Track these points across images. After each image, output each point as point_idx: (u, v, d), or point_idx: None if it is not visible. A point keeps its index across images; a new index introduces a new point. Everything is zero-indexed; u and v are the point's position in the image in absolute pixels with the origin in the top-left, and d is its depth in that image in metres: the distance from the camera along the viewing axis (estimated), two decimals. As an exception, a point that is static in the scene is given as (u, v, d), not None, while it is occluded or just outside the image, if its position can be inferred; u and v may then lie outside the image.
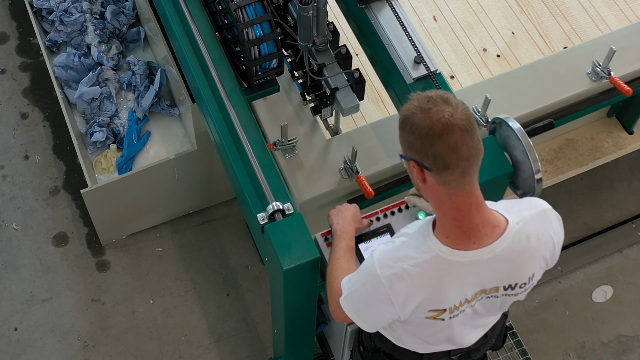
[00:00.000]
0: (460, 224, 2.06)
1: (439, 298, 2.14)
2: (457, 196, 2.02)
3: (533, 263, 2.19)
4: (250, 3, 2.78)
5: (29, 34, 4.80)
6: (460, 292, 2.16)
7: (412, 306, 2.15)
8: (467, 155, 1.95)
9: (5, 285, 4.02)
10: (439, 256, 2.09)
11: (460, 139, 1.92)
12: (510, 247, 2.11)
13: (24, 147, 4.43)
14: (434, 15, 3.94)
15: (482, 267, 2.11)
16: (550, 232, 2.21)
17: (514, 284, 2.20)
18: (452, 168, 1.95)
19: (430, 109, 1.93)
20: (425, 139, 1.94)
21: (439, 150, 1.93)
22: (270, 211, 2.58)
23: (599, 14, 3.92)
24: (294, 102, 3.32)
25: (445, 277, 2.11)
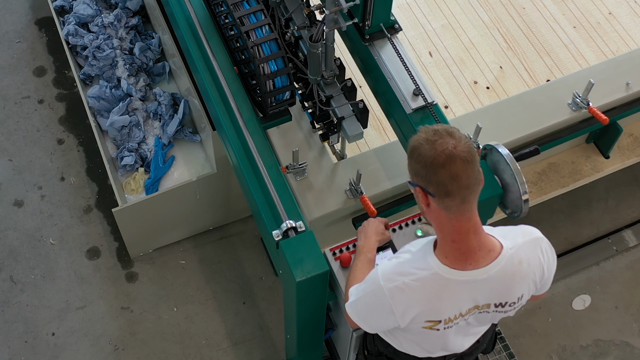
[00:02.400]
0: (458, 246, 2.07)
1: (435, 311, 2.15)
2: (457, 221, 2.03)
3: (523, 285, 2.19)
4: (266, 41, 2.80)
5: (65, 67, 4.81)
6: (455, 307, 2.16)
7: (410, 316, 2.16)
8: (467, 184, 1.96)
9: (43, 295, 4.02)
10: (437, 274, 2.10)
11: (461, 169, 1.94)
12: (503, 270, 2.12)
13: (60, 170, 4.43)
14: (430, 51, 3.94)
15: (477, 286, 2.12)
16: (541, 259, 2.20)
17: (504, 303, 2.21)
18: (453, 195, 1.97)
19: (435, 141, 1.95)
20: (430, 167, 1.96)
21: (442, 178, 1.95)
22: (284, 229, 2.60)
23: (578, 50, 3.92)
24: (305, 130, 3.32)
25: (442, 292, 2.12)
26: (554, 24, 4.02)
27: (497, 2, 4.11)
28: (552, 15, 4.05)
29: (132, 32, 4.29)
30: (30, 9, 5.08)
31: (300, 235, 2.58)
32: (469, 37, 3.99)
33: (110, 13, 4.31)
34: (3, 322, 3.93)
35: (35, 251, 4.15)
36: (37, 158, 4.46)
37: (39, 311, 3.97)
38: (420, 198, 2.05)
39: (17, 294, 4.02)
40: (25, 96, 4.70)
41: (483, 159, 2.70)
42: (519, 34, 3.99)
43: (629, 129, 3.78)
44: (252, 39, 2.80)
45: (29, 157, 4.46)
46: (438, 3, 4.12)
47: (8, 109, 4.64)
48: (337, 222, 3.21)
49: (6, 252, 4.14)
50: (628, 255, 4.16)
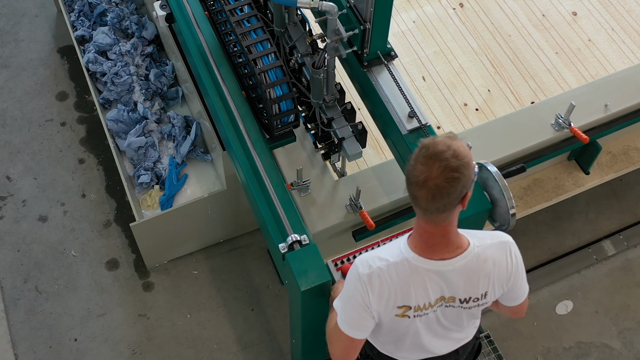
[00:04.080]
0: (426, 240, 2.11)
1: (405, 295, 2.16)
2: (427, 225, 2.08)
3: (487, 283, 2.20)
4: (272, 68, 2.81)
5: (85, 92, 4.81)
6: (424, 294, 2.17)
7: (384, 300, 2.16)
8: (426, 208, 2.01)
9: (66, 303, 4.01)
10: (407, 260, 2.13)
11: (424, 196, 1.98)
12: (468, 265, 2.14)
13: (81, 188, 4.43)
14: (423, 75, 3.94)
15: (443, 277, 2.14)
16: (507, 261, 2.21)
17: (468, 298, 2.21)
18: (418, 208, 2.04)
19: (418, 164, 1.97)
20: (407, 179, 2.01)
21: (411, 193, 2.01)
22: (289, 242, 2.60)
23: (560, 74, 3.92)
24: (308, 150, 3.32)
25: (410, 278, 2.14)
26: (538, 50, 4.03)
27: (485, 30, 4.12)
28: (535, 42, 4.06)
29: (148, 60, 4.31)
30: (53, 38, 5.10)
31: (305, 247, 2.59)
32: (459, 63, 3.99)
33: (127, 42, 4.33)
34: (29, 328, 3.92)
35: (58, 263, 4.15)
36: (60, 176, 4.46)
37: (62, 318, 3.96)
38: None
39: (42, 302, 4.01)
40: (49, 119, 4.71)
41: (473, 176, 2.71)
42: (506, 59, 4.00)
43: (608, 147, 3.79)
44: (259, 66, 2.81)
45: (53, 176, 4.46)
46: (430, 31, 4.13)
47: (33, 131, 4.65)
48: (338, 235, 3.21)
49: (32, 264, 4.13)
50: (607, 264, 4.15)
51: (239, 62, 3.07)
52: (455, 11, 4.21)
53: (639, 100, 3.49)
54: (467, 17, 4.17)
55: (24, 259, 4.16)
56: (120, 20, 4.43)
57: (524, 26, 4.13)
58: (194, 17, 3.23)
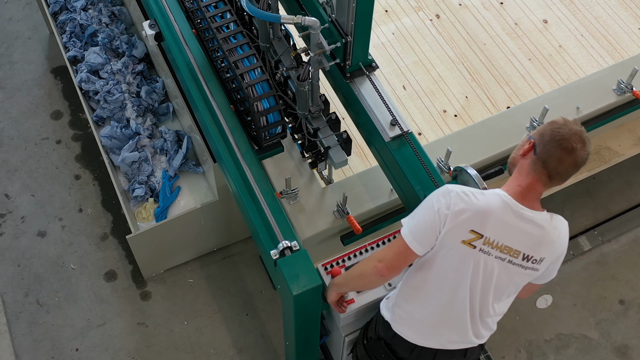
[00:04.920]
0: (522, 190, 2.24)
1: (482, 222, 2.22)
2: (533, 179, 2.23)
3: (548, 250, 2.30)
4: (258, 82, 2.81)
5: (79, 111, 4.80)
6: (498, 231, 2.23)
7: (462, 219, 2.21)
8: (562, 174, 2.21)
9: (67, 315, 3.99)
10: (498, 195, 2.25)
11: (569, 164, 2.17)
12: (544, 223, 2.26)
13: (78, 202, 4.41)
14: (403, 84, 3.95)
15: (521, 224, 2.23)
16: (564, 243, 2.35)
17: (530, 257, 2.28)
18: (546, 168, 2.20)
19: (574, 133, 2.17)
20: (556, 143, 2.17)
21: (553, 154, 2.18)
22: (280, 248, 2.60)
23: (534, 79, 3.95)
24: (295, 159, 3.33)
25: (495, 210, 2.22)
26: (512, 57, 4.06)
27: (461, 40, 4.14)
28: (509, 50, 4.09)
29: (139, 77, 4.28)
30: (46, 59, 5.08)
31: (295, 253, 2.58)
32: (437, 72, 4.01)
33: (118, 61, 4.30)
34: (32, 340, 3.90)
35: (58, 276, 4.13)
36: (57, 192, 4.45)
37: (63, 330, 3.94)
38: (525, 147, 2.26)
39: (43, 315, 3.99)
40: (45, 137, 4.69)
41: (454, 179, 2.72)
42: (481, 67, 4.02)
43: (581, 147, 3.82)
44: (246, 80, 2.81)
45: (50, 192, 4.45)
46: (409, 42, 4.15)
47: (29, 149, 4.63)
48: (327, 240, 3.22)
49: (32, 278, 4.11)
50: (583, 259, 4.18)
51: (227, 77, 3.07)
52: (432, 22, 4.23)
53: (608, 102, 3.52)
54: (443, 28, 4.20)
55: (25, 274, 4.13)
56: (110, 40, 4.41)
57: (497, 35, 4.16)
58: (182, 35, 3.23)
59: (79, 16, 4.52)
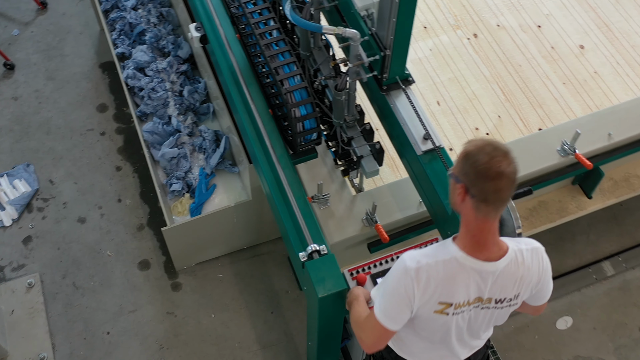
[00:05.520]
0: (477, 240, 2.09)
1: (449, 292, 2.14)
2: (482, 222, 2.05)
3: (521, 285, 2.20)
4: (297, 89, 2.82)
5: (124, 105, 4.85)
6: (466, 292, 2.15)
7: (428, 295, 2.13)
8: (504, 199, 2.00)
9: (101, 299, 4.03)
10: (456, 258, 2.12)
11: (505, 186, 1.96)
12: (508, 267, 2.14)
13: (117, 193, 4.46)
14: (438, 100, 3.92)
15: (485, 277, 2.13)
16: (539, 266, 2.22)
17: (502, 299, 2.20)
18: (489, 203, 2.00)
19: (493, 156, 1.95)
20: (480, 175, 1.96)
21: (487, 188, 1.97)
22: (309, 251, 2.61)
23: (567, 103, 3.89)
24: (328, 166, 3.33)
25: (457, 275, 2.12)
26: (546, 80, 4.01)
27: (497, 60, 4.10)
28: (544, 73, 4.03)
29: (182, 77, 4.33)
30: (96, 54, 5.15)
31: (323, 257, 2.59)
32: (472, 90, 3.97)
33: (163, 60, 4.36)
34: (66, 321, 3.95)
35: (94, 261, 4.17)
36: (98, 182, 4.50)
37: (96, 313, 3.98)
38: (458, 192, 2.05)
39: (79, 297, 4.04)
40: (90, 128, 4.75)
41: (483, 196, 2.70)
42: (516, 88, 3.97)
43: (610, 173, 3.76)
44: (285, 86, 2.82)
45: (92, 181, 4.50)
46: (446, 59, 4.12)
47: (75, 139, 4.69)
48: (354, 247, 3.22)
49: (70, 262, 4.16)
50: (606, 284, 4.11)
51: (267, 82, 3.08)
52: (470, 41, 4.21)
53: (640, 131, 3.48)
54: (480, 47, 4.17)
55: (63, 257, 4.18)
56: (157, 39, 4.46)
57: (534, 57, 4.11)
58: (226, 39, 3.25)
59: (128, 15, 4.59)
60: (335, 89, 2.81)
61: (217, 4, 3.38)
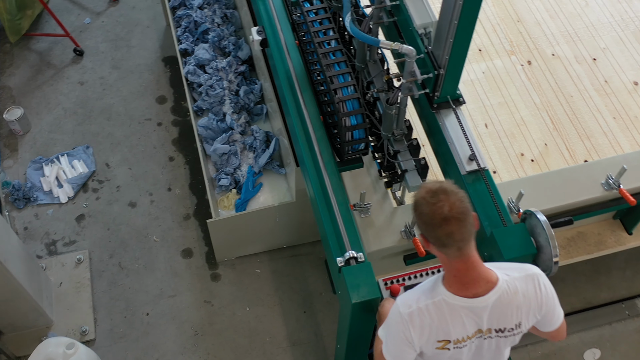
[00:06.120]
0: (459, 279, 2.06)
1: (444, 332, 2.13)
2: (456, 262, 2.02)
3: (520, 314, 2.14)
4: (350, 99, 2.81)
5: (182, 99, 4.89)
6: (462, 329, 2.13)
7: (425, 336, 2.13)
8: (460, 238, 1.94)
9: (143, 281, 4.08)
10: (444, 300, 2.09)
11: (455, 228, 1.92)
12: (500, 299, 2.09)
13: (168, 182, 4.50)
14: (486, 123, 3.89)
15: (478, 312, 2.10)
16: (537, 292, 2.15)
17: (503, 328, 2.16)
18: (449, 247, 1.97)
19: (433, 203, 1.92)
20: (428, 225, 1.95)
21: (438, 235, 1.95)
22: (347, 257, 2.60)
23: (616, 138, 3.81)
24: (372, 176, 3.31)
25: (448, 316, 2.10)
26: (597, 113, 3.93)
27: (549, 88, 4.05)
28: (595, 106, 3.96)
29: (240, 77, 4.35)
30: (160, 48, 5.22)
31: (360, 264, 2.58)
32: (521, 115, 3.93)
33: (223, 59, 4.38)
34: (109, 298, 4.01)
35: (141, 245, 4.22)
36: (151, 170, 4.55)
37: (138, 294, 4.03)
38: (424, 242, 2.04)
39: (123, 277, 4.09)
40: (148, 118, 4.81)
41: (523, 221, 2.66)
42: (565, 118, 3.91)
43: (653, 211, 3.67)
44: (338, 95, 2.82)
45: (145, 168, 4.55)
46: (497, 83, 4.08)
47: (133, 127, 4.76)
48: (391, 257, 3.19)
49: (118, 243, 4.23)
50: (638, 321, 3.98)
51: (321, 89, 3.09)
52: (523, 67, 4.16)
53: (688, 171, 3.37)
54: (533, 74, 4.12)
55: (112, 237, 4.25)
56: (220, 39, 4.49)
57: (586, 89, 4.04)
58: (286, 45, 3.26)
59: (194, 13, 4.64)
60: (387, 103, 2.81)
61: (280, 10, 3.40)
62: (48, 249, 4.20)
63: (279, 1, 3.42)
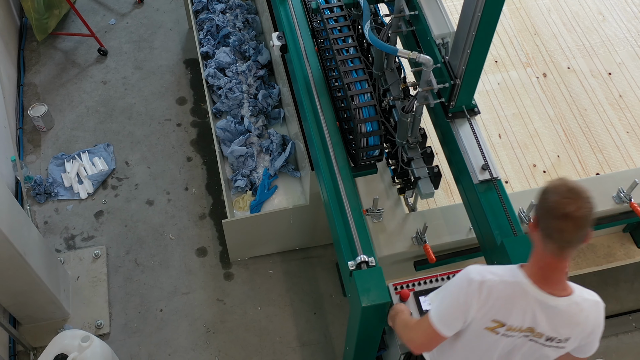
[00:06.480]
0: (544, 272, 2.07)
1: (505, 313, 2.12)
2: (550, 257, 2.03)
3: (574, 330, 2.15)
4: (366, 106, 2.81)
5: (201, 101, 4.91)
6: (521, 317, 2.12)
7: (485, 310, 2.12)
8: (568, 239, 1.95)
9: (158, 278, 4.10)
10: (520, 283, 2.09)
11: (570, 227, 1.92)
12: (568, 308, 2.10)
13: (185, 181, 4.52)
14: (500, 133, 3.87)
15: (543, 310, 2.09)
16: (596, 318, 2.17)
17: (553, 337, 2.16)
18: (553, 241, 1.98)
19: (563, 197, 1.92)
20: (547, 213, 1.96)
21: (550, 226, 1.95)
22: (358, 261, 2.59)
23: (628, 152, 3.78)
24: (386, 182, 3.32)
25: (517, 299, 2.09)
26: (610, 127, 3.90)
27: (563, 101, 4.02)
28: (609, 119, 3.93)
29: (259, 81, 4.36)
30: (182, 50, 5.24)
31: (371, 269, 2.57)
32: (534, 127, 3.90)
33: (243, 63, 4.40)
34: (124, 293, 4.03)
35: (157, 242, 4.24)
36: (169, 169, 4.57)
37: (153, 290, 4.05)
38: (531, 223, 2.05)
39: (138, 273, 4.11)
40: (167, 118, 4.83)
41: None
42: (578, 130, 3.88)
43: (663, 226, 3.64)
44: (355, 102, 2.81)
45: (163, 167, 4.58)
46: (512, 94, 4.07)
47: (153, 126, 4.79)
48: (401, 262, 3.20)
49: (135, 239, 4.25)
50: (646, 333, 3.97)
51: (338, 95, 3.09)
52: (538, 80, 4.14)
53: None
54: (548, 87, 4.10)
55: (129, 234, 4.28)
56: (240, 43, 4.51)
57: (600, 103, 4.01)
58: (305, 51, 3.26)
59: (217, 17, 4.67)
60: (402, 110, 2.80)
61: (300, 16, 3.41)
62: (67, 243, 4.23)
63: (299, 8, 3.43)
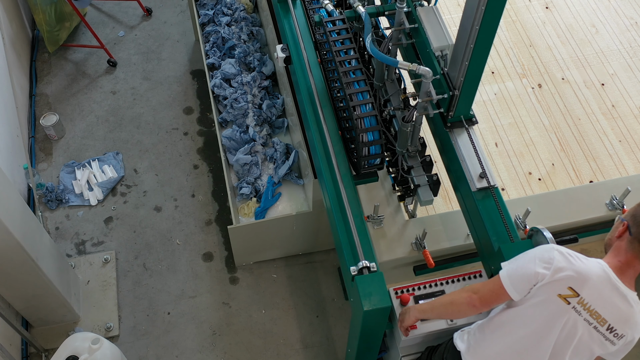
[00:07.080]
0: (622, 265, 2.18)
1: (581, 284, 2.15)
2: (631, 256, 2.16)
3: (627, 329, 2.19)
4: (367, 116, 2.80)
5: (207, 110, 4.90)
6: (594, 296, 2.15)
7: (564, 274, 2.15)
8: None
9: (166, 282, 4.09)
10: (599, 264, 2.18)
11: None
12: (632, 305, 2.17)
13: (192, 189, 4.51)
14: (496, 142, 3.89)
15: (615, 297, 2.15)
16: None
17: (613, 329, 2.18)
18: None
19: None
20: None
21: None
22: (360, 266, 2.59)
23: (621, 160, 3.81)
24: (386, 190, 3.33)
25: (594, 276, 2.15)
26: (603, 136, 3.93)
27: (558, 111, 4.05)
28: (602, 129, 3.96)
29: (263, 92, 4.35)
30: (189, 61, 5.24)
31: (372, 274, 2.58)
32: (530, 136, 3.93)
33: (248, 74, 4.39)
34: (133, 297, 4.03)
35: (164, 247, 4.24)
36: (177, 176, 4.57)
37: (160, 294, 4.04)
38: (620, 229, 2.21)
39: (147, 278, 4.11)
40: (175, 128, 4.82)
41: (529, 238, 2.65)
42: (572, 139, 3.90)
43: (655, 232, 3.64)
44: (357, 112, 2.81)
45: (170, 175, 4.57)
46: (509, 104, 4.09)
47: (160, 135, 4.78)
48: (401, 267, 3.20)
49: (143, 244, 4.25)
50: (638, 336, 3.96)
51: (340, 106, 3.09)
52: (534, 90, 4.16)
53: (691, 195, 3.35)
54: (543, 97, 4.12)
55: (138, 239, 4.28)
56: (245, 55, 4.50)
57: (593, 112, 4.04)
58: (308, 62, 3.27)
59: (222, 30, 4.66)
60: (403, 120, 2.81)
61: (304, 29, 3.42)
62: (77, 248, 4.24)
63: (303, 21, 3.44)
